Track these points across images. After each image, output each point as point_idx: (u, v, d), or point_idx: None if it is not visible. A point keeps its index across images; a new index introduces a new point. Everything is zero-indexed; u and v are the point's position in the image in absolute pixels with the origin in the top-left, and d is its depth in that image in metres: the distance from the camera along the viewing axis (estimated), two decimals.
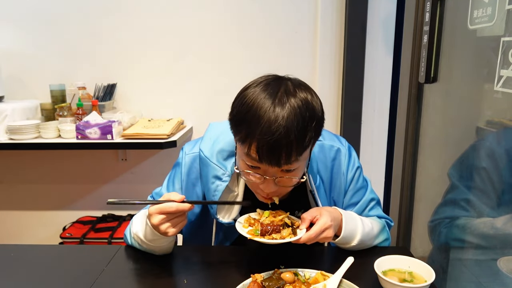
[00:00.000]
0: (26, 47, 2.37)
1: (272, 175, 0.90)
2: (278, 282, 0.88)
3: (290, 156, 0.85)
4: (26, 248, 1.18)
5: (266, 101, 0.84)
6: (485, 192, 1.11)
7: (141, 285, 0.96)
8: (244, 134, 0.86)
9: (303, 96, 0.86)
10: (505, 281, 1.00)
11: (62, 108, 2.21)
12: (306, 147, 0.87)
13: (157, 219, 0.91)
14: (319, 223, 0.94)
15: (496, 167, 1.08)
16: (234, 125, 0.90)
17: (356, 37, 2.24)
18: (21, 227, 2.64)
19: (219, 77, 2.35)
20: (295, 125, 0.82)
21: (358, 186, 1.15)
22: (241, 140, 0.88)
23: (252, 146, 0.85)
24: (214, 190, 1.04)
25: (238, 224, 0.97)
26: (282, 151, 0.83)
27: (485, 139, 1.17)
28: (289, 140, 0.82)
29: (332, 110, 2.42)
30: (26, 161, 2.52)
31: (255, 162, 0.88)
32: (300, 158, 0.88)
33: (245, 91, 0.89)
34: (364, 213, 1.16)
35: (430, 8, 1.42)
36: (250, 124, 0.83)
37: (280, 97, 0.84)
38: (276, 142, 0.82)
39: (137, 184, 2.55)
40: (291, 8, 2.29)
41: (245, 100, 0.87)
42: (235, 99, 0.91)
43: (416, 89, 1.61)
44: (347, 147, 1.16)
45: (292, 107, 0.83)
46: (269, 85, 0.88)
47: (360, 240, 1.04)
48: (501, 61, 0.98)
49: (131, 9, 2.31)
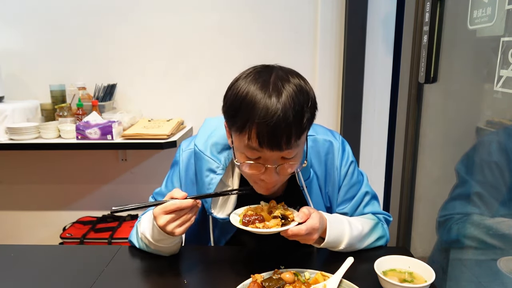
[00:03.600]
0: (26, 47, 2.37)
1: (273, 163, 0.90)
2: (278, 282, 0.88)
3: (290, 139, 0.85)
4: (26, 248, 1.18)
5: (260, 88, 0.85)
6: (495, 187, 1.10)
7: (141, 285, 0.96)
8: (242, 122, 0.85)
9: (296, 81, 0.88)
10: (505, 281, 1.00)
11: (62, 108, 2.22)
12: (304, 129, 0.88)
13: (163, 220, 0.91)
14: (310, 223, 0.92)
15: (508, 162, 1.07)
16: (230, 116, 0.89)
17: (356, 37, 2.24)
18: (21, 227, 2.64)
19: (219, 77, 2.35)
20: (292, 107, 0.83)
21: (352, 181, 1.13)
22: (240, 129, 0.87)
23: (252, 133, 0.85)
24: (208, 183, 1.03)
25: (233, 215, 0.96)
26: (282, 134, 0.84)
27: (496, 133, 1.16)
28: (288, 122, 0.83)
29: (332, 110, 2.42)
30: (26, 161, 2.53)
31: (255, 151, 0.88)
32: (299, 142, 0.89)
33: (236, 82, 0.90)
34: (359, 210, 1.14)
35: (430, 8, 1.42)
36: (247, 111, 0.84)
37: (274, 82, 0.86)
38: (275, 125, 0.82)
39: (137, 184, 2.56)
40: (291, 8, 2.29)
41: (238, 90, 0.87)
42: (227, 91, 0.91)
43: (416, 89, 1.61)
44: (341, 141, 1.15)
45: (287, 91, 0.85)
46: (260, 73, 0.89)
47: (348, 244, 1.02)
48: (501, 61, 0.98)
49: (131, 9, 2.31)
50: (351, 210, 1.13)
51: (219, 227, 1.14)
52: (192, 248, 1.16)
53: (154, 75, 2.38)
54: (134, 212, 2.53)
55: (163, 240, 0.99)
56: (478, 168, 1.16)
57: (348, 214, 1.13)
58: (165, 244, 1.01)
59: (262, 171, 0.91)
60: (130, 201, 2.67)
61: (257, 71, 0.90)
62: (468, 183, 1.21)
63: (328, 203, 1.14)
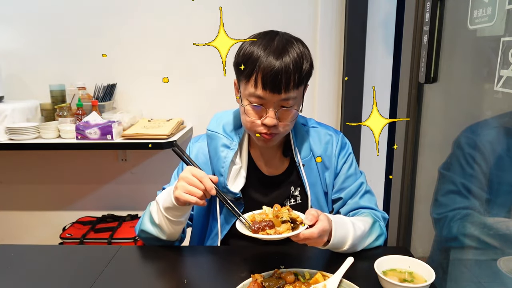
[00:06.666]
0: (26, 47, 2.37)
1: (274, 106, 1.02)
2: (278, 282, 0.88)
3: (289, 85, 1.00)
4: (26, 248, 1.18)
5: (266, 45, 1.01)
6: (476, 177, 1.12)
7: (141, 285, 0.96)
8: (249, 70, 1.00)
9: (297, 43, 1.05)
10: (505, 281, 1.00)
11: (62, 109, 2.22)
12: (302, 79, 1.03)
13: (185, 174, 0.98)
14: (321, 225, 0.92)
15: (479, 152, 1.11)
16: (239, 65, 1.03)
17: (356, 37, 2.24)
18: (21, 227, 2.64)
19: (219, 78, 2.34)
20: (292, 59, 0.99)
21: (350, 172, 1.20)
22: (247, 77, 1.02)
23: (257, 79, 1.00)
24: (224, 157, 1.12)
25: (239, 224, 0.96)
26: (282, 79, 0.98)
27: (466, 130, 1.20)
28: (288, 70, 0.98)
29: (332, 111, 2.42)
30: (26, 161, 2.53)
31: (259, 98, 1.01)
32: (296, 91, 1.02)
33: (245, 43, 1.05)
34: (354, 200, 1.17)
35: (430, 8, 1.42)
36: (254, 61, 1.00)
37: (280, 40, 1.02)
38: (277, 71, 0.97)
39: (137, 184, 2.56)
40: (291, 8, 2.29)
41: (247, 47, 1.03)
42: (238, 50, 1.07)
43: (416, 89, 1.61)
44: (341, 136, 1.24)
45: (290, 47, 1.01)
46: (267, 34, 1.05)
47: (352, 244, 1.03)
48: (501, 61, 0.98)
49: (131, 9, 2.31)
50: (346, 196, 1.18)
51: (224, 214, 1.17)
52: (192, 248, 1.16)
53: (154, 75, 2.38)
54: (133, 211, 2.53)
55: (171, 210, 1.03)
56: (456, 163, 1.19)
57: (343, 200, 1.18)
58: (171, 215, 1.04)
59: (264, 115, 1.02)
60: (130, 201, 2.68)
61: (264, 33, 1.06)
62: (450, 178, 1.24)
63: (325, 188, 1.20)
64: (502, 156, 1.05)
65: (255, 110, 1.04)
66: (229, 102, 0.98)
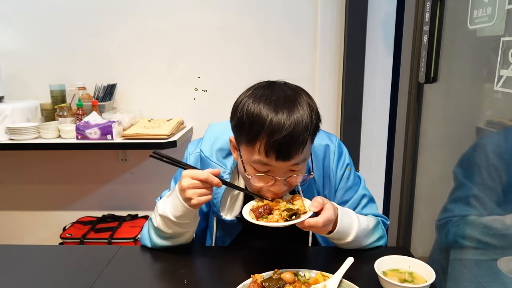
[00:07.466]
0: (26, 47, 2.37)
1: (282, 175, 0.93)
2: (278, 282, 0.88)
3: (298, 151, 0.90)
4: (26, 248, 1.18)
5: (270, 104, 0.89)
6: (493, 189, 1.10)
7: (141, 285, 0.96)
8: (252, 136, 0.89)
9: (302, 98, 0.93)
10: (505, 281, 1.00)
11: (62, 109, 2.21)
12: (311, 141, 0.94)
13: (187, 182, 0.93)
14: (327, 214, 0.92)
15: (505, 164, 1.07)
16: (240, 130, 0.93)
17: (356, 37, 2.24)
18: (21, 227, 2.64)
19: (219, 77, 2.35)
20: (300, 122, 0.88)
21: (348, 184, 1.15)
22: (250, 142, 0.90)
23: (262, 146, 0.89)
24: (216, 188, 1.05)
25: (246, 208, 0.96)
26: (291, 147, 0.88)
27: (491, 136, 1.16)
28: (297, 135, 0.87)
29: (332, 110, 2.42)
30: (26, 161, 2.53)
31: (265, 164, 0.91)
32: (305, 154, 0.93)
33: (244, 99, 0.93)
34: (356, 211, 1.14)
35: (430, 8, 1.42)
36: (258, 126, 0.88)
37: (284, 98, 0.90)
38: (285, 138, 0.87)
39: (137, 184, 2.56)
40: (291, 8, 2.29)
41: (247, 107, 0.90)
42: (235, 108, 0.95)
43: (416, 89, 1.61)
44: (337, 144, 1.17)
45: (295, 107, 0.89)
46: (267, 88, 0.94)
47: (356, 236, 1.02)
48: (501, 61, 0.98)
49: (131, 9, 2.31)
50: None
51: (224, 229, 1.15)
52: (192, 248, 1.16)
53: (154, 75, 2.38)
54: (134, 211, 2.53)
55: (184, 216, 0.99)
56: (476, 170, 1.16)
57: None
58: (186, 220, 1.00)
59: (271, 183, 0.94)
60: (130, 201, 2.68)
61: (264, 87, 0.95)
62: (465, 186, 1.21)
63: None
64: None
65: (262, 178, 0.95)
66: (229, 102, 0.96)
